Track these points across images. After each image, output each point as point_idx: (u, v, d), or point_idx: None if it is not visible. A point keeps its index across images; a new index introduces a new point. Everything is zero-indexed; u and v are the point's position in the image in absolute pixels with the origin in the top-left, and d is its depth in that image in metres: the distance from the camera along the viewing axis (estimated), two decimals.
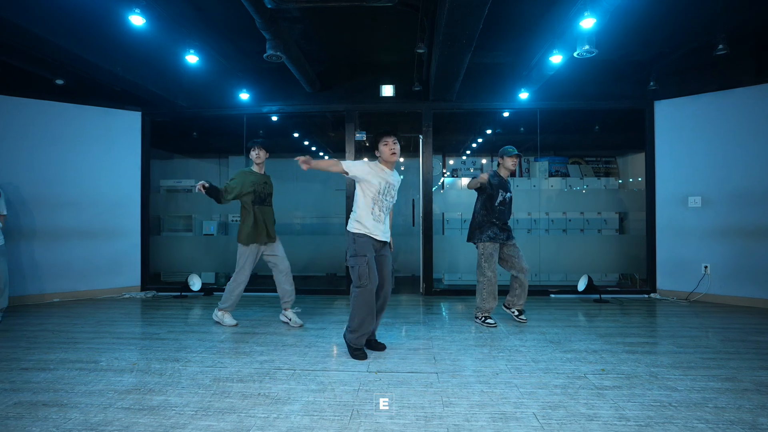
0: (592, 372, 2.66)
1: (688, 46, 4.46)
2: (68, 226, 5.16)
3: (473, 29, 3.43)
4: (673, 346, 3.19)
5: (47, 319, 4.13)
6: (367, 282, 2.87)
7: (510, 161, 3.90)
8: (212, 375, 2.64)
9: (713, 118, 4.89)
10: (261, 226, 3.75)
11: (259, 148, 3.80)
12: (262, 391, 2.39)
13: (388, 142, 2.97)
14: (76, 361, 2.90)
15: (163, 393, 2.37)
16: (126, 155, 5.54)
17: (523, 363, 2.84)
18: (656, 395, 2.31)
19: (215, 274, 6.35)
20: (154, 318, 4.25)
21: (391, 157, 2.97)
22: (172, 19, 4.06)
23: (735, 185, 4.74)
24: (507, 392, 2.37)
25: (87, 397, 2.31)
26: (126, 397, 2.30)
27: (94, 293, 5.27)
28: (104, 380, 2.55)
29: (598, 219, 6.38)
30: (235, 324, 3.81)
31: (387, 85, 5.39)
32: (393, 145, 2.97)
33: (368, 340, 3.12)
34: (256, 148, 3.80)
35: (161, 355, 3.02)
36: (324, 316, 4.23)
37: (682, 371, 2.67)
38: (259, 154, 3.79)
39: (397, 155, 2.99)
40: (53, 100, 5.08)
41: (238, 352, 3.08)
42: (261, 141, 3.84)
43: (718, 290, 4.81)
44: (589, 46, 3.63)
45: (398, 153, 2.99)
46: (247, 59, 5.16)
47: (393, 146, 2.97)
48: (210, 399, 2.29)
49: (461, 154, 7.68)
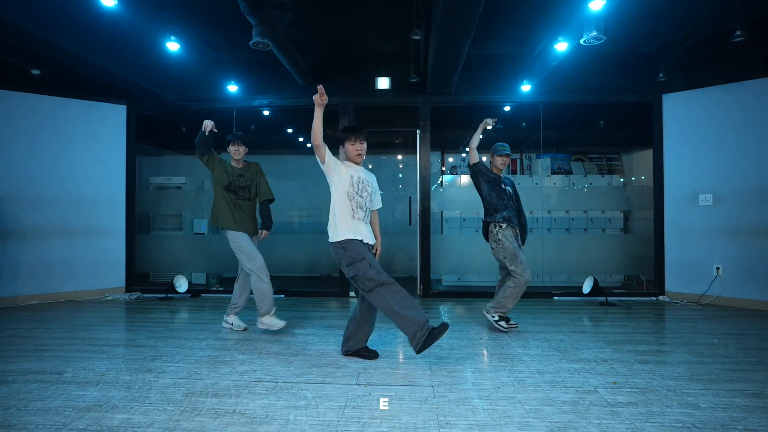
0: (603, 385, 2.42)
1: (699, 35, 4.21)
2: (49, 224, 4.92)
3: (472, 13, 3.19)
4: (689, 355, 2.95)
5: (19, 323, 3.88)
6: (380, 277, 2.60)
7: (499, 160, 3.66)
8: (185, 388, 2.39)
9: (725, 112, 4.65)
10: (237, 215, 3.48)
11: (238, 143, 3.53)
12: (237, 408, 2.15)
13: (355, 142, 2.79)
14: (38, 372, 2.65)
15: (127, 410, 2.12)
16: (111, 150, 5.30)
17: (527, 374, 2.60)
18: (677, 414, 2.06)
19: (206, 275, 6.11)
20: (135, 322, 4.01)
21: (357, 158, 2.82)
22: (152, 4, 3.80)
23: (749, 182, 4.49)
24: (510, 409, 2.12)
25: (41, 415, 2.06)
26: (84, 416, 2.06)
27: (76, 295, 5.03)
28: (65, 395, 2.30)
29: (602, 218, 6.14)
30: (284, 324, 3.46)
31: (383, 77, 5.15)
32: (359, 145, 2.80)
33: (358, 349, 2.89)
34: (236, 142, 3.53)
35: (134, 365, 2.78)
36: (314, 320, 3.99)
37: (702, 385, 2.43)
38: (238, 149, 3.54)
39: (362, 156, 2.82)
40: (31, 92, 4.83)
41: (218, 362, 2.84)
42: (241, 135, 3.58)
43: (731, 293, 4.57)
44: (596, 32, 3.40)
45: (364, 154, 2.82)
46: (236, 49, 4.91)
47: (360, 146, 2.80)
48: (178, 417, 2.04)
49: (461, 151, 7.43)
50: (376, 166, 7.66)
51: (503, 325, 3.52)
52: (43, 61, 4.45)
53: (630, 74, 5.05)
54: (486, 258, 5.33)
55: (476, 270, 5.54)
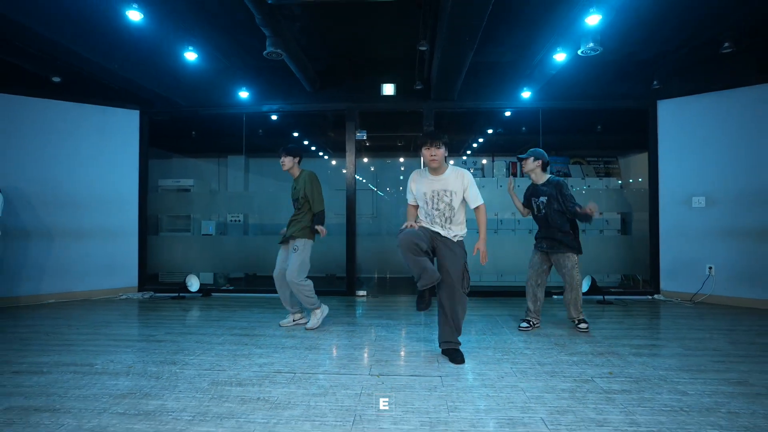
0: (599, 375, 2.60)
1: (693, 43, 4.41)
2: (64, 225, 5.08)
3: (477, 25, 3.38)
4: (681, 349, 3.13)
5: (41, 320, 4.05)
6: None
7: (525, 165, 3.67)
8: (210, 378, 2.57)
9: (718, 117, 4.84)
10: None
11: (283, 154, 3.68)
12: (261, 396, 2.32)
13: (430, 147, 2.83)
14: (70, 364, 2.82)
15: (160, 397, 2.29)
16: (124, 154, 5.47)
17: (528, 366, 2.78)
18: (666, 399, 2.24)
19: (213, 275, 6.28)
20: (151, 319, 4.17)
21: (431, 163, 2.87)
22: (170, 16, 3.98)
23: (740, 185, 4.69)
24: (513, 396, 2.30)
25: (81, 401, 2.24)
26: (121, 402, 2.23)
27: (90, 294, 5.19)
28: (99, 384, 2.48)
29: (599, 219, 6.32)
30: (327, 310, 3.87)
31: (388, 83, 5.33)
32: (433, 150, 2.83)
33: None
34: (281, 154, 3.69)
35: (158, 358, 2.95)
36: (324, 319, 4.15)
37: (691, 374, 2.61)
38: (283, 162, 3.69)
39: (437, 160, 2.83)
40: (48, 97, 5.01)
41: (237, 355, 3.01)
42: (284, 147, 3.68)
43: (723, 291, 4.76)
44: (593, 44, 3.59)
45: (439, 159, 2.83)
46: (247, 57, 5.09)
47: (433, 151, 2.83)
48: (208, 403, 2.22)
49: (462, 154, 7.62)
50: (381, 169, 7.85)
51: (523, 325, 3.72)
52: (61, 67, 4.62)
53: (626, 81, 5.24)
54: (490, 259, 5.50)
55: (477, 270, 5.71)
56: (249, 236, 6.79)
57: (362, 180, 7.73)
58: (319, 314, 3.76)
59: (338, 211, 5.58)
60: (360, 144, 5.38)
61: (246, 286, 6.04)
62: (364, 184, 7.67)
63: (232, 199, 6.52)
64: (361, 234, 6.52)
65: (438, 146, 2.80)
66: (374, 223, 7.44)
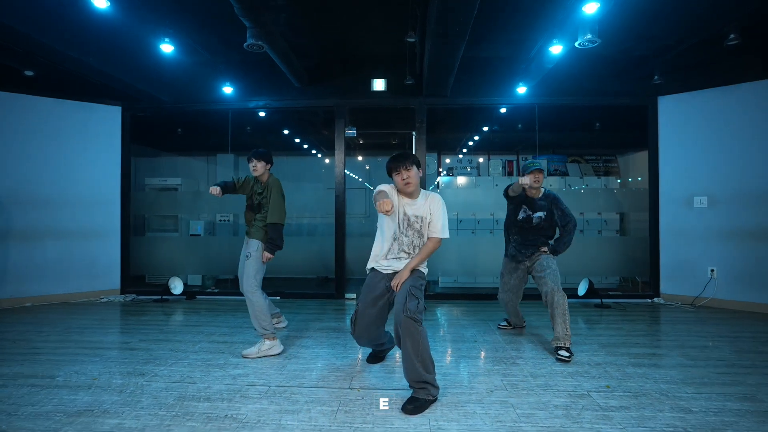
0: (596, 389, 2.42)
1: (694, 38, 4.22)
2: (43, 226, 4.89)
3: (467, 16, 3.19)
4: (683, 358, 2.95)
5: (12, 326, 3.86)
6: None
7: (527, 179, 3.21)
8: (178, 392, 2.38)
9: (721, 114, 4.66)
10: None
11: (255, 159, 3.31)
12: (229, 413, 2.14)
13: (400, 171, 2.44)
14: (30, 376, 2.64)
15: (119, 415, 2.11)
16: (105, 151, 5.27)
17: (520, 378, 2.60)
18: (669, 418, 2.06)
19: (202, 277, 6.09)
20: (129, 324, 3.99)
21: (406, 187, 2.47)
22: (145, 7, 3.78)
23: (744, 184, 4.50)
24: (502, 414, 2.12)
25: (31, 420, 2.05)
26: (75, 421, 2.05)
27: (71, 297, 5.00)
28: (56, 399, 2.29)
29: (598, 219, 6.16)
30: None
31: (378, 79, 5.14)
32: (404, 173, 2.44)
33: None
34: (252, 159, 3.31)
35: (126, 368, 2.77)
36: (309, 323, 3.98)
37: (695, 388, 2.43)
38: (255, 167, 3.31)
39: (412, 183, 2.45)
40: (24, 93, 4.81)
41: (211, 365, 2.83)
42: (256, 151, 3.32)
43: (725, 295, 4.58)
44: (591, 35, 3.39)
45: (413, 182, 2.45)
46: (231, 51, 4.88)
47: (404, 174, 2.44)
48: (170, 422, 2.04)
49: (457, 152, 7.44)
50: (372, 168, 7.67)
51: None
52: (37, 62, 4.41)
53: (625, 77, 5.05)
54: (484, 260, 5.34)
55: (472, 272, 5.54)
56: (239, 237, 6.60)
57: (358, 179, 7.54)
58: (268, 346, 3.03)
59: (329, 211, 5.40)
60: (353, 142, 5.20)
61: (233, 288, 5.85)
62: (357, 182, 7.49)
63: (220, 198, 6.31)
64: (352, 234, 6.34)
65: (408, 167, 2.42)
66: (367, 223, 7.25)
